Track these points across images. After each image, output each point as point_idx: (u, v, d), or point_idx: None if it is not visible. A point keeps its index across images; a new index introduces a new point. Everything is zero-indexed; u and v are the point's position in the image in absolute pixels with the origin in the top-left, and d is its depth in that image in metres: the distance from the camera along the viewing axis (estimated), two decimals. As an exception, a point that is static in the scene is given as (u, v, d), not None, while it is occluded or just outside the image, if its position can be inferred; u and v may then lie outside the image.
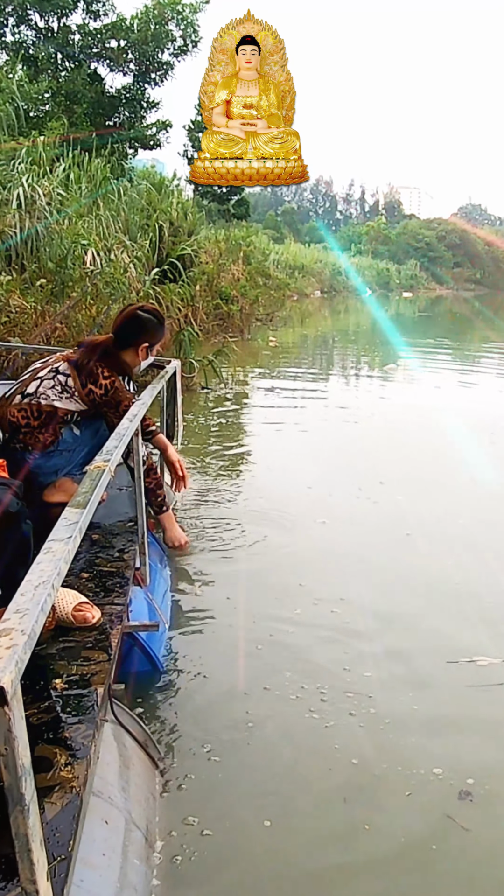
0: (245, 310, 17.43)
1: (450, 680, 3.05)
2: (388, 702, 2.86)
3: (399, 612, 3.70)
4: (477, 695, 2.93)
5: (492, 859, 2.14)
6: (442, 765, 2.48)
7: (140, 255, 12.81)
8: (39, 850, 1.08)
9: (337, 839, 2.19)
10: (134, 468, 3.10)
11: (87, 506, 1.66)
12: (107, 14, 18.92)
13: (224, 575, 4.04)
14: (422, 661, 3.21)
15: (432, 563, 4.36)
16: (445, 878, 2.07)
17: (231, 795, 2.30)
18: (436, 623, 3.57)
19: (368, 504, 5.41)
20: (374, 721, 2.73)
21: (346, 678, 3.04)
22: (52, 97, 18.08)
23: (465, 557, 4.45)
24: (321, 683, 2.98)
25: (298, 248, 44.98)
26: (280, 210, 78.80)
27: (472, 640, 3.37)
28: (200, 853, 2.05)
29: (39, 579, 1.22)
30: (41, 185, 10.94)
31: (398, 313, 34.32)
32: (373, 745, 2.58)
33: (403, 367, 14.23)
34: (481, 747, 2.62)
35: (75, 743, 1.87)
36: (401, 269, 61.36)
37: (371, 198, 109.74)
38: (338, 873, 2.08)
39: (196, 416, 8.38)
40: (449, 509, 5.35)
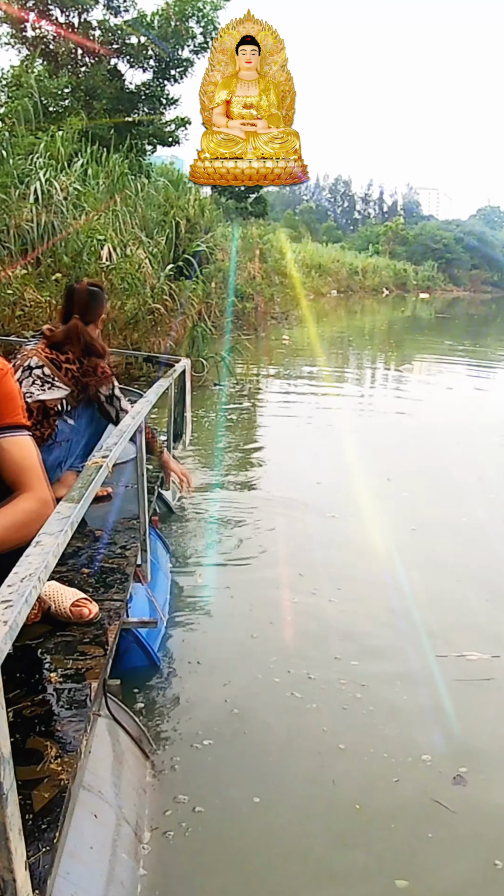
0: (260, 307, 17.43)
1: (438, 673, 3.08)
2: (377, 691, 2.91)
3: (394, 607, 3.75)
4: (464, 688, 2.96)
5: (476, 843, 2.19)
6: (430, 752, 2.53)
7: (156, 251, 12.83)
8: (18, 839, 1.09)
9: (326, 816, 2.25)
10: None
11: (81, 501, 1.66)
12: (127, 10, 18.93)
13: (228, 569, 4.09)
14: (413, 653, 3.25)
15: (433, 560, 4.41)
16: (432, 855, 2.12)
17: (223, 777, 2.33)
18: (431, 617, 3.60)
19: (376, 500, 5.47)
20: (362, 709, 2.78)
21: (336, 668, 3.09)
22: (71, 92, 18.10)
23: (466, 554, 4.52)
24: (312, 672, 3.04)
25: (316, 248, 44.95)
26: (298, 209, 78.61)
27: (465, 635, 3.40)
28: (193, 827, 2.10)
29: (26, 571, 1.22)
30: (59, 181, 10.98)
31: (415, 314, 34.21)
32: (359, 732, 2.64)
33: (418, 367, 14.20)
34: (467, 737, 2.65)
35: (66, 736, 1.88)
36: (418, 269, 61.18)
37: (390, 198, 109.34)
38: (327, 847, 2.14)
39: (207, 411, 8.42)
40: (454, 506, 5.40)
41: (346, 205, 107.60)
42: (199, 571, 4.02)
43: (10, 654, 2.27)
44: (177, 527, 4.68)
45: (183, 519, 4.87)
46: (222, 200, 23.42)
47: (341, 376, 12.77)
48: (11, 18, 18.10)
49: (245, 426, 8.07)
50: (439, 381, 12.59)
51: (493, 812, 2.29)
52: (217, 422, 8.08)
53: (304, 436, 7.80)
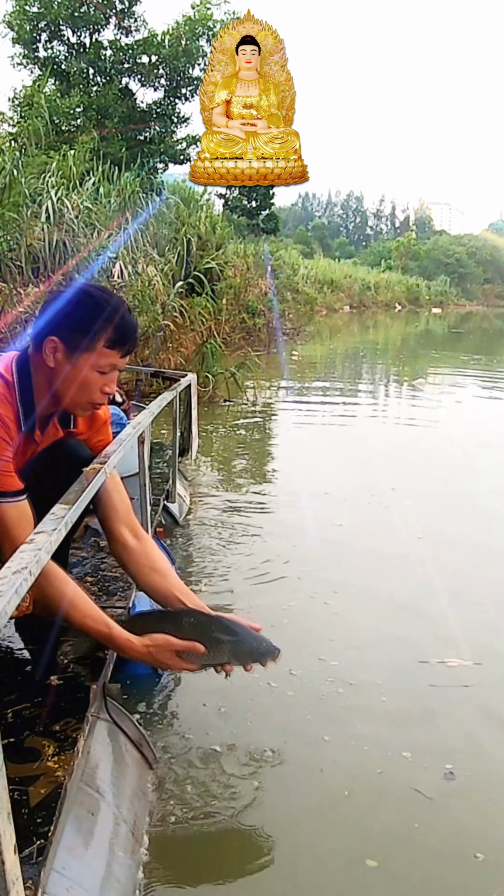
0: (271, 324, 17.51)
1: (417, 678, 3.14)
2: (359, 693, 2.99)
3: (387, 612, 3.81)
4: (439, 693, 3.01)
5: (458, 831, 2.26)
6: (409, 750, 2.62)
7: (167, 268, 12.93)
8: (7, 822, 1.13)
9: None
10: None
11: (76, 503, 1.71)
12: (138, 30, 19.19)
13: (232, 579, 4.14)
14: (396, 658, 3.31)
15: (432, 567, 4.44)
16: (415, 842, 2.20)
17: (220, 778, 2.40)
18: (419, 623, 3.67)
19: (380, 509, 5.55)
20: (346, 710, 2.86)
21: (323, 668, 3.17)
22: (83, 112, 18.34)
23: (467, 565, 4.56)
24: (302, 671, 3.12)
25: (328, 264, 45.10)
26: (310, 225, 79.06)
27: (450, 642, 3.45)
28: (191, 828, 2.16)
29: (18, 566, 1.26)
30: (70, 199, 11.10)
31: (428, 329, 34.23)
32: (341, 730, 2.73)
33: (431, 381, 14.23)
34: (443, 741, 2.71)
35: (65, 736, 1.92)
36: (431, 284, 61.18)
37: (402, 213, 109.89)
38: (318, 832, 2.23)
39: (217, 426, 8.47)
40: (459, 516, 5.46)
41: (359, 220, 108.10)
42: (204, 581, 4.05)
43: (11, 657, 2.33)
44: (182, 539, 4.71)
45: (188, 531, 4.91)
46: (234, 217, 23.60)
47: (353, 391, 12.80)
48: (23, 39, 18.34)
49: (254, 440, 8.13)
50: (452, 394, 12.61)
51: (477, 808, 2.36)
52: (226, 436, 8.13)
53: (314, 448, 7.85)
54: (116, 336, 2.09)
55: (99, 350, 2.08)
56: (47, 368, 2.10)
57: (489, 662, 3.26)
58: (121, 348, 2.12)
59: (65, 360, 2.08)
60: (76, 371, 2.08)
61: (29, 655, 2.38)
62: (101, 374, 2.11)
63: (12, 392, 2.06)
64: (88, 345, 2.07)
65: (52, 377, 2.11)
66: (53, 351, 2.08)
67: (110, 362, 2.12)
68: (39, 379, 2.12)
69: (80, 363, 2.08)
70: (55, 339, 2.07)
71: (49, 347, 2.08)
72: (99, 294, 2.13)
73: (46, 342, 2.08)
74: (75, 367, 2.08)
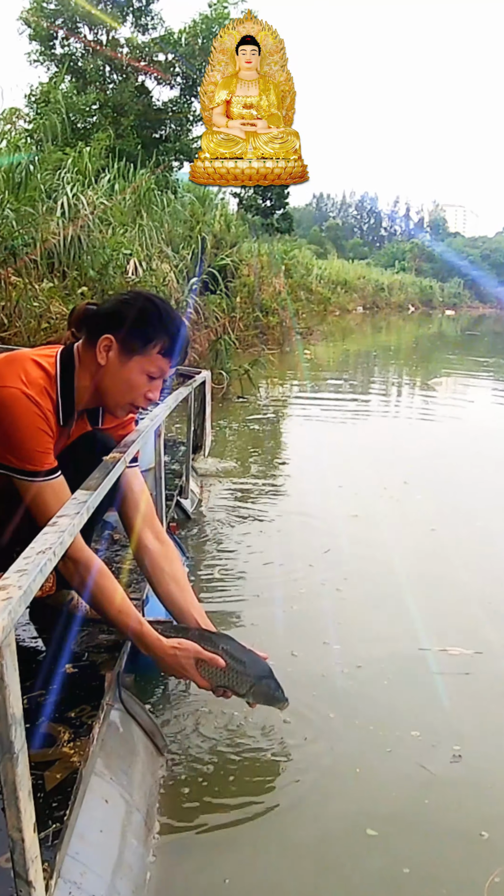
0: (285, 323, 17.52)
1: (417, 665, 3.19)
2: (362, 676, 3.04)
3: (395, 602, 3.84)
4: (439, 681, 3.06)
5: (466, 810, 2.30)
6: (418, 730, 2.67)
7: (181, 265, 12.95)
8: (27, 800, 1.13)
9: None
10: None
11: (98, 489, 1.72)
12: (155, 28, 19.21)
13: (245, 573, 4.16)
14: (399, 645, 3.35)
15: (443, 558, 4.53)
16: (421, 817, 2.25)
17: (232, 768, 2.40)
18: (424, 611, 3.70)
19: (392, 502, 5.63)
20: (348, 692, 2.94)
21: (332, 654, 3.23)
22: (99, 109, 18.38)
23: (477, 557, 4.63)
24: (298, 651, 3.19)
25: (341, 264, 45.08)
26: (325, 225, 79.05)
27: (455, 630, 3.50)
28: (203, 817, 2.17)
29: (43, 546, 1.28)
30: (85, 195, 11.13)
31: (441, 332, 34.18)
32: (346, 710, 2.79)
33: (444, 382, 14.21)
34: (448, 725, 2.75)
35: (80, 723, 1.93)
36: (444, 286, 61.17)
37: (416, 215, 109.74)
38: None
39: (231, 423, 8.50)
40: (469, 511, 5.52)
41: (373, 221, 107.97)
42: (216, 576, 4.06)
43: (28, 645, 2.34)
44: (195, 533, 4.73)
45: (202, 520, 4.93)
46: (248, 217, 23.59)
47: (366, 390, 12.82)
48: (40, 35, 18.37)
49: (267, 436, 8.16)
50: (464, 394, 12.60)
51: (483, 789, 2.39)
52: (239, 431, 8.16)
53: (327, 444, 7.90)
54: (171, 346, 2.16)
55: (153, 356, 2.14)
56: (95, 365, 2.15)
57: (491, 652, 3.30)
58: (172, 358, 2.18)
59: (117, 360, 2.14)
60: (126, 372, 2.14)
61: (42, 643, 2.39)
62: (149, 378, 2.17)
63: (54, 385, 2.11)
64: (144, 349, 2.13)
65: (100, 374, 2.16)
66: (107, 349, 2.13)
67: (160, 367, 2.17)
68: (83, 374, 2.17)
69: (132, 364, 2.14)
70: (111, 337, 2.12)
71: (104, 345, 2.13)
72: (162, 305, 2.21)
73: (102, 340, 2.13)
74: (126, 368, 2.14)
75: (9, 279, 8.83)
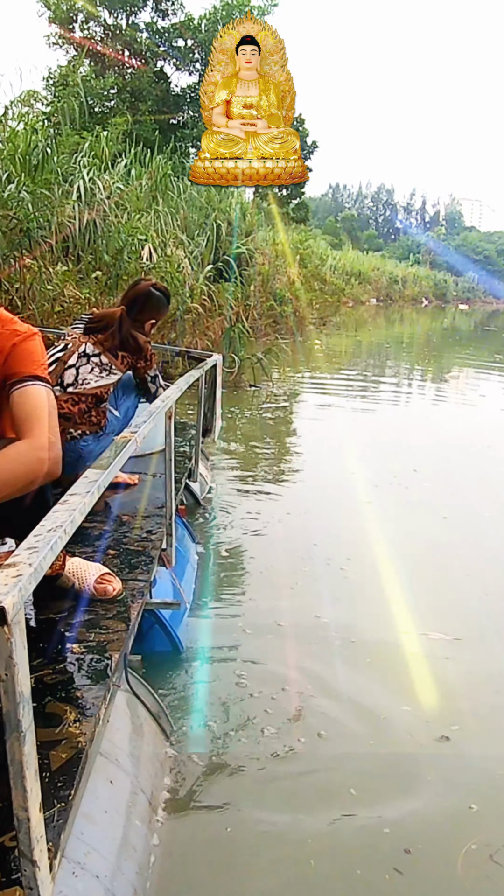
0: (298, 312, 17.46)
1: (395, 646, 3.29)
2: (345, 650, 3.19)
3: (390, 586, 3.90)
4: (412, 662, 3.16)
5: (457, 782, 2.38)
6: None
7: (196, 252, 12.90)
8: (33, 779, 1.12)
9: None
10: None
11: (108, 468, 1.70)
12: (175, 13, 19.11)
13: (254, 557, 4.21)
14: (386, 625, 3.46)
15: (445, 545, 4.59)
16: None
17: (236, 753, 2.43)
18: (412, 597, 3.78)
19: (402, 489, 5.71)
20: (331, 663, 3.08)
21: (316, 624, 3.39)
22: (117, 93, 18.30)
23: (480, 546, 4.66)
24: (284, 622, 3.32)
25: (356, 255, 44.86)
26: (340, 216, 78.62)
27: (440, 617, 3.58)
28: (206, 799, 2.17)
29: (53, 524, 1.26)
30: (102, 180, 11.08)
31: (454, 326, 34.05)
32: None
33: (456, 375, 14.16)
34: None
35: (86, 703, 1.91)
36: (458, 280, 60.85)
37: (432, 208, 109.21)
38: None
39: (243, 410, 8.50)
40: (476, 500, 5.55)
41: (388, 213, 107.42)
42: (225, 561, 4.06)
43: (35, 626, 2.33)
44: (204, 518, 4.72)
45: (211, 510, 4.92)
46: (264, 205, 23.51)
47: (378, 381, 12.78)
48: (60, 18, 18.28)
49: (280, 423, 8.17)
50: (476, 388, 12.56)
51: (471, 764, 2.48)
52: (252, 418, 8.16)
53: (339, 432, 7.95)
54: None
55: None
56: None
57: (471, 639, 3.39)
58: None
59: None
60: None
61: (49, 623, 2.38)
62: None
63: None
64: None
65: None
66: None
67: None
68: None
69: None
70: None
71: None
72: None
73: None
74: None
75: (23, 262, 8.81)
